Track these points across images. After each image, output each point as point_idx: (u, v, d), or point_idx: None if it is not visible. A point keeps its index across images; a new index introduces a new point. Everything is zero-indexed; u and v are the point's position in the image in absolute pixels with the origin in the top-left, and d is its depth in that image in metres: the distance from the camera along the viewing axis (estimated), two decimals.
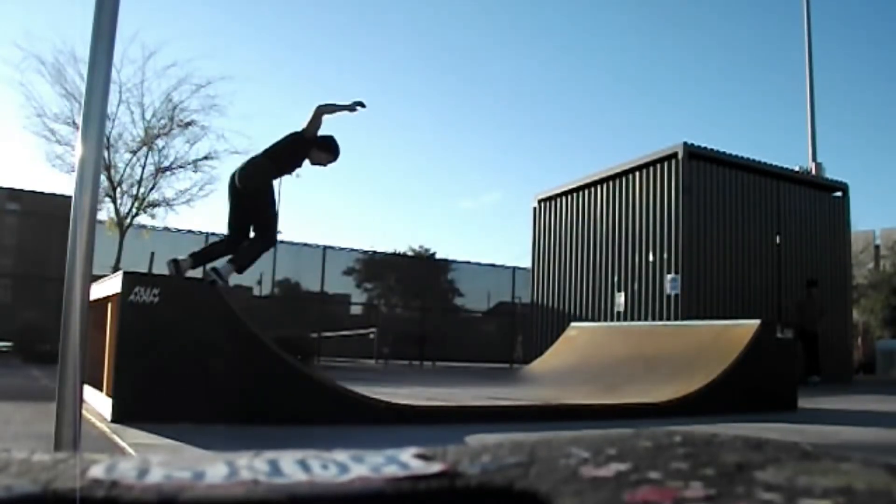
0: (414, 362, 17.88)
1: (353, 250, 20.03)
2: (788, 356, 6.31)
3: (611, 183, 12.48)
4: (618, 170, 12.36)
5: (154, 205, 13.78)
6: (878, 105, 55.61)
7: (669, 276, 10.94)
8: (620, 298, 11.88)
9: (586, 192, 13.02)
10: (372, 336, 18.36)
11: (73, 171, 2.32)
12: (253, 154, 5.35)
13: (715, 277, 11.12)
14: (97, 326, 4.47)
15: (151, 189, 13.68)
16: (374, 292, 22.01)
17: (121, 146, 13.32)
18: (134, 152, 13.44)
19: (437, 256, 25.72)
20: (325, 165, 5.41)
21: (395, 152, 67.98)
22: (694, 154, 11.33)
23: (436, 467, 0.48)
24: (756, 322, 6.30)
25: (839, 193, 13.42)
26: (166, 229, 14.91)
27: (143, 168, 13.54)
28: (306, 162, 5.32)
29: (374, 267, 21.50)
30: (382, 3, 62.08)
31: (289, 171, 5.40)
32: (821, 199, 13.10)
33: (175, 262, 4.98)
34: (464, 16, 67.65)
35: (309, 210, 56.46)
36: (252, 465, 0.50)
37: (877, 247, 27.24)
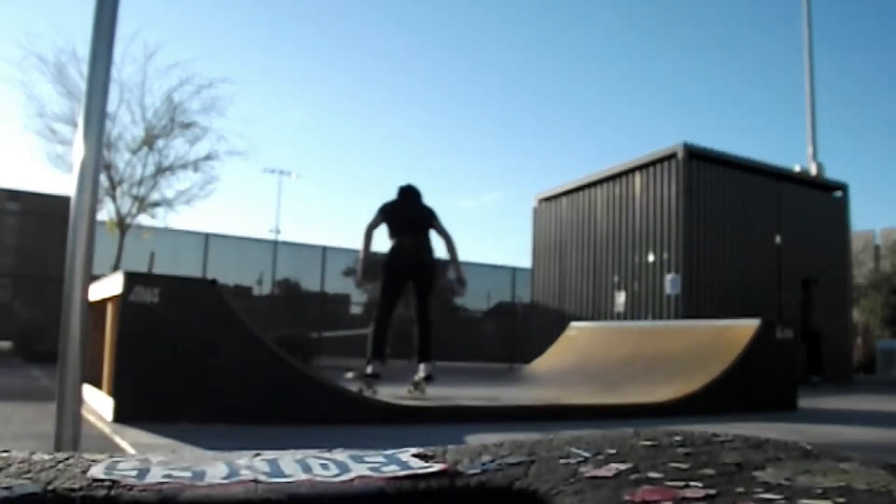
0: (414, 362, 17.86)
1: (353, 250, 20.00)
2: (788, 356, 6.30)
3: (611, 183, 12.47)
4: (618, 170, 12.36)
5: (154, 205, 13.78)
6: (878, 105, 55.58)
7: (669, 276, 10.93)
8: (620, 298, 11.88)
9: (586, 192, 13.02)
10: None
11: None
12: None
13: (715, 277, 11.11)
14: (97, 326, 4.48)
15: (152, 189, 13.68)
16: (374, 292, 21.99)
17: (121, 146, 13.32)
18: (134, 152, 13.43)
19: (437, 256, 25.72)
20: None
21: (395, 152, 68.00)
22: (694, 154, 11.33)
23: (436, 467, 0.48)
24: (756, 322, 6.29)
25: (839, 193, 13.43)
26: (166, 229, 14.90)
27: (144, 168, 13.55)
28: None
29: (374, 267, 21.49)
30: (382, 3, 62.06)
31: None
32: (821, 199, 13.09)
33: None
34: (464, 16, 67.62)
35: (309, 210, 56.52)
36: (252, 465, 0.50)
37: (877, 247, 27.23)
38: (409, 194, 6.21)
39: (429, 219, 6.18)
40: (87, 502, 0.43)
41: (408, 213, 6.12)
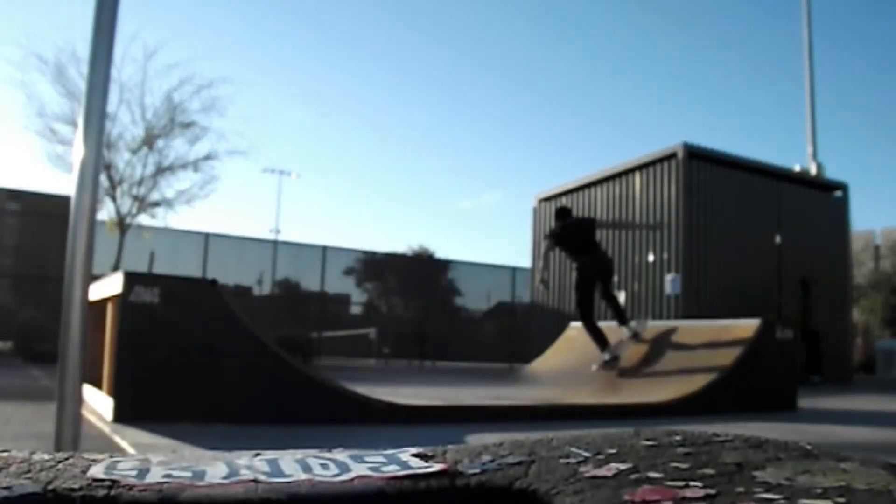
0: (414, 362, 17.88)
1: (353, 250, 20.02)
2: (788, 356, 6.30)
3: (611, 183, 12.47)
4: (618, 170, 12.35)
5: (154, 205, 13.79)
6: (878, 105, 55.58)
7: (670, 276, 10.92)
8: (620, 298, 11.87)
9: (586, 192, 13.02)
10: (372, 336, 18.36)
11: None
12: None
13: (715, 277, 11.11)
14: (97, 326, 4.47)
15: (152, 189, 13.68)
16: (374, 292, 22.00)
17: (121, 146, 13.33)
18: (134, 152, 13.44)
19: (437, 256, 25.71)
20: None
21: (395, 152, 68.05)
22: (694, 154, 11.33)
23: (436, 467, 0.48)
24: (756, 322, 6.29)
25: (839, 193, 13.42)
26: (166, 229, 14.90)
27: (144, 168, 13.55)
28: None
29: (374, 267, 21.49)
30: (382, 3, 62.09)
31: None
32: (821, 199, 13.09)
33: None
34: (464, 16, 67.65)
35: (309, 210, 56.55)
36: (252, 465, 0.50)
37: (877, 247, 27.21)
38: (566, 213, 7.76)
39: (588, 229, 7.62)
40: (87, 502, 0.43)
41: (575, 233, 7.50)
